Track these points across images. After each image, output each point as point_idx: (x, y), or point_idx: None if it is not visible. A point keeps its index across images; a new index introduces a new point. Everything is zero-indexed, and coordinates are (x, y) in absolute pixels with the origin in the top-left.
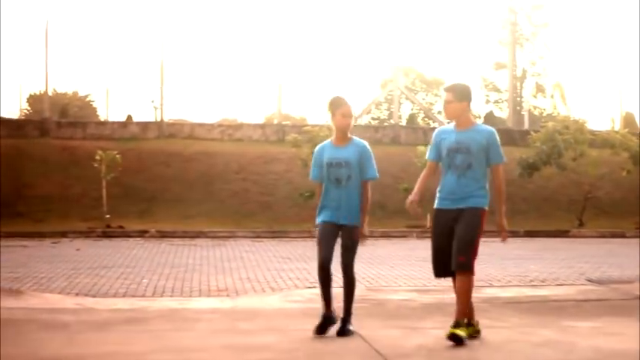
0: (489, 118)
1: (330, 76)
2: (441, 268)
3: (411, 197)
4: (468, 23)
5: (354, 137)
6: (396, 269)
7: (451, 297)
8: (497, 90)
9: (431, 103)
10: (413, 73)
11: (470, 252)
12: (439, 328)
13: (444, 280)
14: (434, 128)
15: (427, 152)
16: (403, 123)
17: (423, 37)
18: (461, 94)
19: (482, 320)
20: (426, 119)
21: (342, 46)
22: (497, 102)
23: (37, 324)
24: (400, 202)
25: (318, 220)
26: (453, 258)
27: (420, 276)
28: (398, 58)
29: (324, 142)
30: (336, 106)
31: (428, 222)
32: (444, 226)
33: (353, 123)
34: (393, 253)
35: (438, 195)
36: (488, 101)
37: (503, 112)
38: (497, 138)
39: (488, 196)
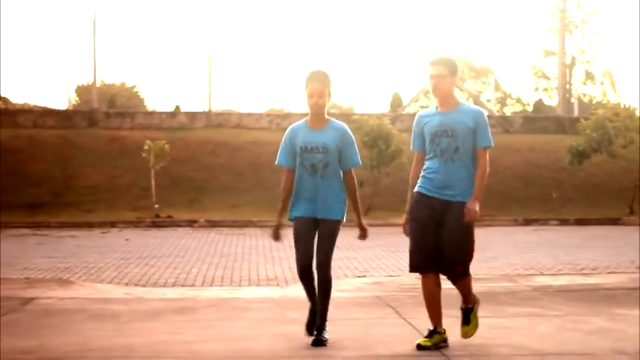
0: (538, 106)
1: (378, 65)
2: (422, 263)
3: (405, 221)
4: (517, 10)
5: (333, 119)
6: None
7: (502, 285)
8: (547, 77)
9: (479, 91)
10: (461, 61)
11: (467, 258)
12: (490, 317)
13: (494, 269)
14: None
15: (411, 142)
16: None
17: (471, 25)
18: (453, 68)
19: (533, 309)
20: None
21: (390, 33)
22: (547, 90)
23: (88, 314)
24: None
25: (292, 214)
26: (444, 263)
27: (471, 265)
28: (446, 46)
29: (298, 123)
30: (306, 83)
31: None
32: (428, 214)
33: (400, 111)
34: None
35: (420, 180)
36: (537, 89)
37: (552, 100)
38: (486, 119)
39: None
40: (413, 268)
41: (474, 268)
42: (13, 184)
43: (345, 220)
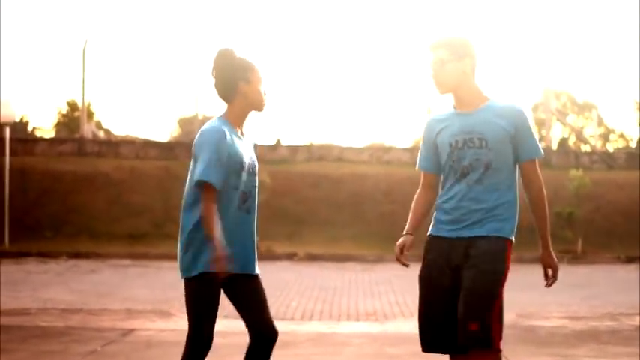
0: None
1: None
2: (432, 338)
3: (397, 249)
4: (620, 45)
5: None
6: (546, 295)
7: (604, 324)
8: None
9: (581, 127)
10: (564, 95)
11: (489, 314)
12: (592, 356)
13: (596, 307)
14: (586, 152)
15: (418, 158)
16: (554, 146)
17: (574, 59)
18: (460, 50)
19: (636, 349)
20: (577, 142)
21: (492, 68)
22: None
23: None
24: (551, 227)
25: (202, 264)
26: (459, 325)
27: (572, 302)
28: (549, 81)
29: (220, 125)
30: (248, 69)
31: (579, 246)
32: (442, 265)
33: None
34: (543, 279)
35: (435, 215)
36: None
37: None
38: (528, 119)
39: (517, 218)
40: (425, 347)
41: (576, 305)
42: (115, 215)
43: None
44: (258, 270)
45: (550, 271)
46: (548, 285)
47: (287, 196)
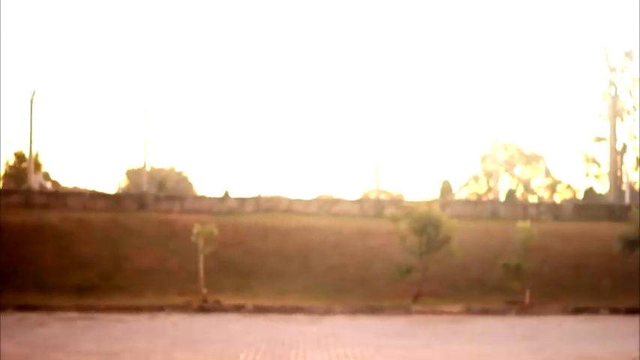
0: (589, 193)
1: (427, 151)
2: None
3: None
4: (567, 97)
5: None
6: (496, 347)
7: None
8: (597, 164)
9: (529, 178)
10: (512, 147)
11: None
12: None
13: (546, 359)
14: (533, 203)
15: None
16: (502, 198)
17: (522, 112)
18: None
19: None
20: (525, 194)
21: (440, 120)
22: (597, 176)
23: None
24: (499, 278)
25: None
26: None
27: (521, 354)
28: (497, 132)
29: None
30: None
31: (527, 298)
32: None
33: (450, 198)
34: (491, 330)
35: None
36: (587, 175)
37: (603, 187)
38: None
39: None
40: None
41: (525, 357)
42: (62, 267)
43: None
44: None
45: None
46: None
47: (235, 247)
